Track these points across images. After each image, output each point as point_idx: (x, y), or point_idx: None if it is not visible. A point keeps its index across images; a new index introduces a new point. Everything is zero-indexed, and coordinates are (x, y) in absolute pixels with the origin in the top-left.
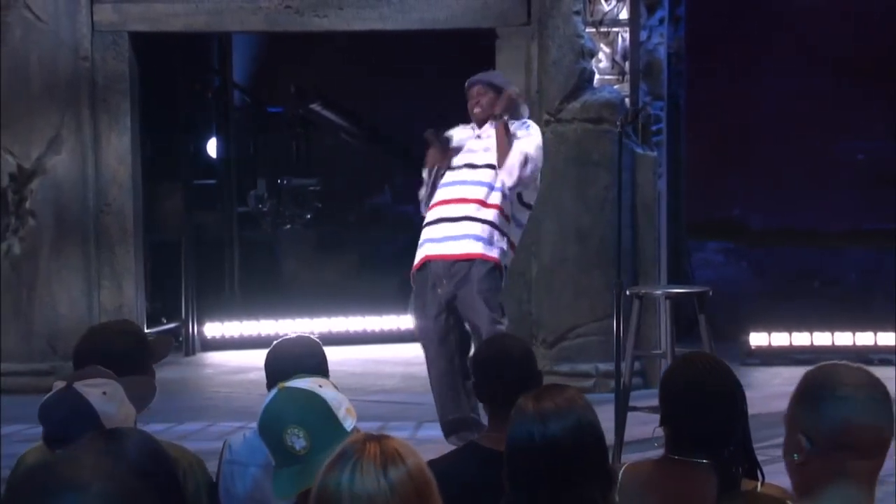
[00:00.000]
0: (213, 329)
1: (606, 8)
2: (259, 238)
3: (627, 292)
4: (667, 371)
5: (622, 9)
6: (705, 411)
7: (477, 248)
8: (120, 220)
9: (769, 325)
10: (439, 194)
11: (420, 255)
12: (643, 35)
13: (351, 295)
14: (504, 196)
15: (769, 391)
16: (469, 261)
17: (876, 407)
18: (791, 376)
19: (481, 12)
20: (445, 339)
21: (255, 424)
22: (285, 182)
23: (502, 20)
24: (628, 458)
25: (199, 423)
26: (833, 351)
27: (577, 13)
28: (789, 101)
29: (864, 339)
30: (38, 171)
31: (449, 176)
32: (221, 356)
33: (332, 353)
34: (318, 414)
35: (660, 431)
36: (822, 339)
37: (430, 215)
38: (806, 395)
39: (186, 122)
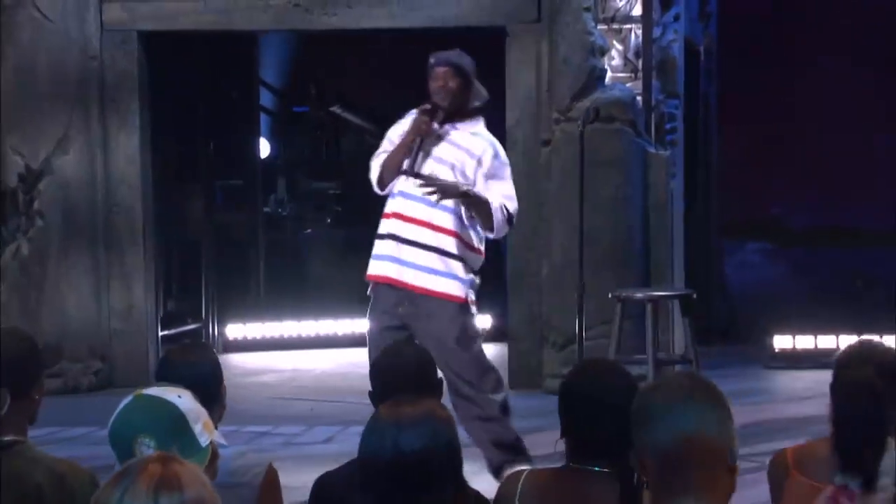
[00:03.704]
0: (235, 330)
1: (619, 4)
2: (284, 239)
3: (610, 295)
4: (565, 378)
5: (635, 5)
6: (602, 418)
7: (439, 284)
8: (129, 221)
9: (797, 328)
10: (398, 205)
11: (380, 269)
12: (657, 32)
13: None
14: (467, 226)
15: (786, 396)
16: (432, 298)
17: (702, 416)
18: (814, 380)
19: (490, 10)
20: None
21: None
22: (305, 185)
23: (512, 17)
24: None
25: None
26: None
27: (588, 10)
28: (827, 97)
29: (893, 342)
30: (47, 171)
31: (404, 185)
32: (242, 357)
33: (356, 356)
34: (172, 425)
35: (562, 444)
36: (848, 341)
37: (385, 226)
38: (633, 412)
39: (212, 122)
